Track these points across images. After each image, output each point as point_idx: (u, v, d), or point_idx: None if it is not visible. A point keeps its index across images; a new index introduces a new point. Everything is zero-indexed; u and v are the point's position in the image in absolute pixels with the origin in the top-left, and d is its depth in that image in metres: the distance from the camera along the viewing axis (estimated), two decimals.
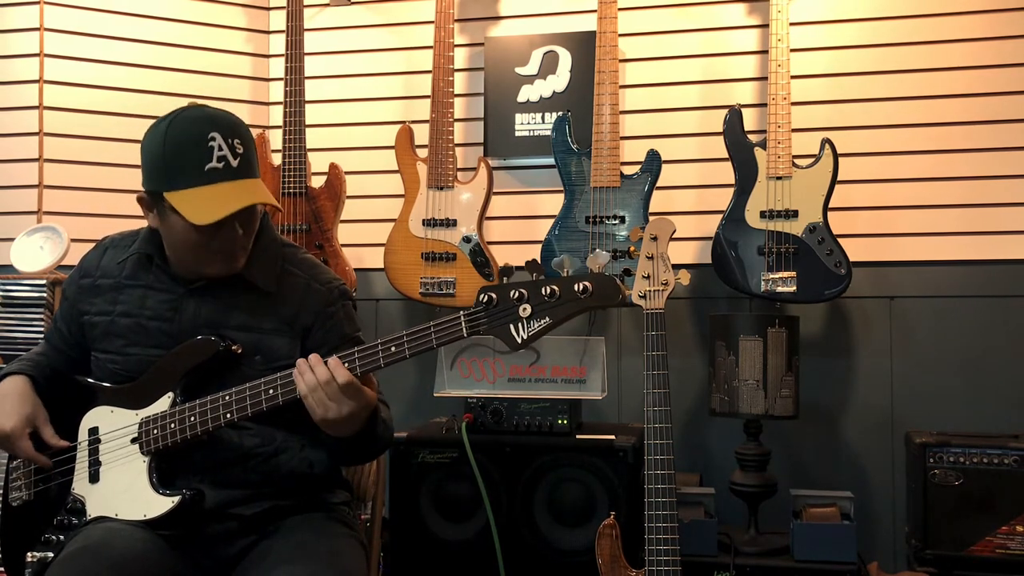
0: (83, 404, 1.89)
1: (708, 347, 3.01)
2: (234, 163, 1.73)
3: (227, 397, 1.74)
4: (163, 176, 1.74)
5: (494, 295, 1.62)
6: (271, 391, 1.72)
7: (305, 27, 3.33)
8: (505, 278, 1.67)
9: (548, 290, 1.60)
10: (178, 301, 1.86)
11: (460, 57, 3.49)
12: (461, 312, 1.63)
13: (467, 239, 3.19)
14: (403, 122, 3.31)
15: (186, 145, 1.72)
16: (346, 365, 1.67)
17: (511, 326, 1.61)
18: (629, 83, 3.41)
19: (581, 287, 1.59)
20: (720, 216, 3.05)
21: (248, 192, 1.75)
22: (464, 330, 1.64)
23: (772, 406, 2.82)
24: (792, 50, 3.05)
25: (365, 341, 1.91)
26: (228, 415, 1.73)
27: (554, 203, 3.23)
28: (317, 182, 3.29)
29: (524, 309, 1.60)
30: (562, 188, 3.16)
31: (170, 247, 1.84)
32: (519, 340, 1.61)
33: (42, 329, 2.99)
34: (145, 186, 1.79)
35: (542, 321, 1.61)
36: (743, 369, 2.83)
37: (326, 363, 1.67)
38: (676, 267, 2.39)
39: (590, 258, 1.69)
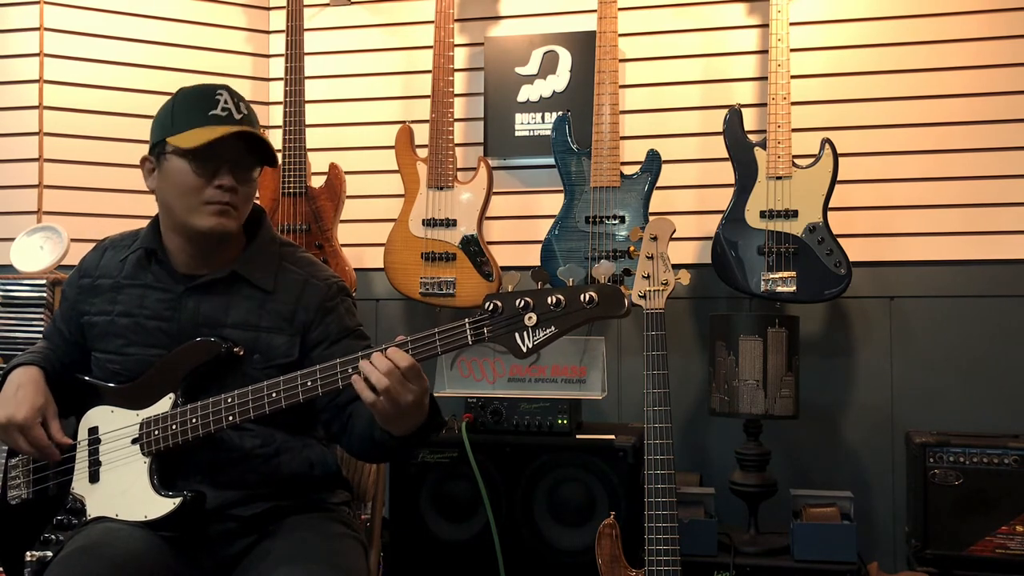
0: (83, 403, 1.89)
1: (708, 347, 3.01)
2: (237, 116, 1.82)
3: (229, 399, 1.73)
4: (169, 123, 1.82)
5: (499, 303, 1.61)
6: (274, 394, 1.71)
7: (305, 27, 3.33)
8: (510, 286, 1.66)
9: (554, 299, 1.59)
10: (176, 300, 1.86)
11: (460, 57, 3.49)
12: (466, 320, 1.63)
13: (467, 239, 3.19)
14: (403, 122, 3.31)
15: (195, 95, 1.83)
16: (350, 371, 1.66)
17: (516, 335, 1.61)
18: (629, 83, 3.41)
19: (587, 297, 1.59)
20: (720, 216, 3.05)
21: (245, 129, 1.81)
22: (469, 337, 1.63)
23: (772, 406, 2.82)
24: (792, 50, 3.05)
25: (367, 334, 1.92)
26: (230, 417, 1.73)
27: (554, 203, 3.23)
28: (317, 182, 3.29)
29: (530, 318, 1.60)
30: (562, 188, 3.16)
31: (166, 205, 1.86)
32: (524, 349, 1.61)
33: (42, 329, 2.99)
34: (151, 143, 1.86)
35: (547, 330, 1.60)
36: (743, 369, 2.83)
37: (384, 354, 1.61)
38: (676, 267, 2.40)
39: (595, 268, 1.69)
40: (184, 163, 1.79)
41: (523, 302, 1.60)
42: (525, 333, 1.61)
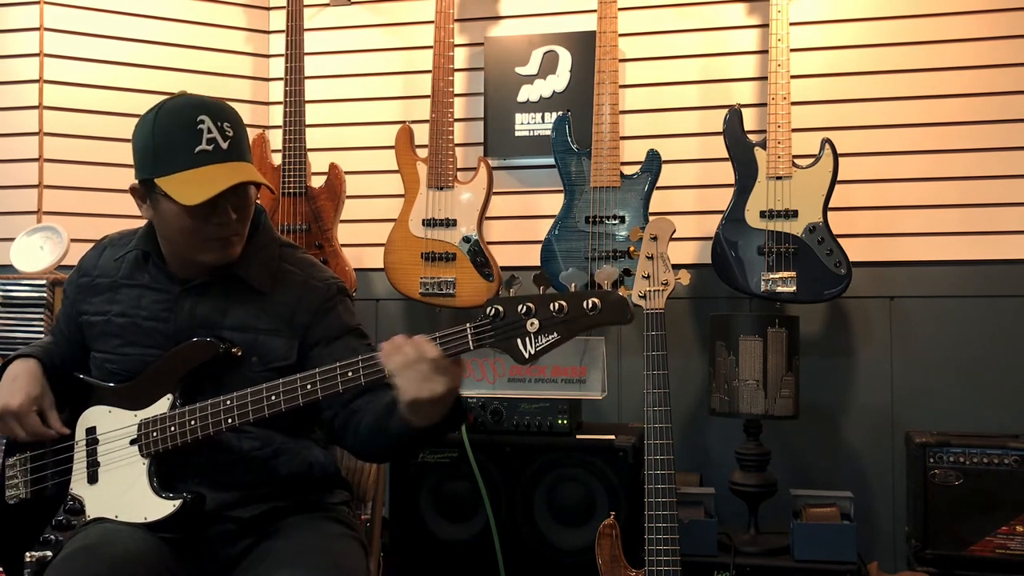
0: (81, 401, 1.89)
1: (708, 347, 3.01)
2: (224, 145, 1.73)
3: (228, 402, 1.73)
4: (153, 162, 1.75)
5: (501, 308, 1.60)
6: (273, 397, 1.70)
7: (305, 27, 3.33)
8: (511, 290, 1.65)
9: (556, 306, 1.57)
10: (174, 301, 1.85)
11: (460, 57, 3.49)
12: (468, 324, 1.62)
13: (467, 239, 3.18)
14: (403, 122, 3.31)
15: (175, 130, 1.73)
16: (350, 374, 1.66)
17: (518, 340, 1.59)
18: (629, 83, 3.41)
19: (590, 304, 1.57)
20: (720, 216, 3.05)
21: (238, 172, 1.74)
22: (471, 342, 1.61)
23: (772, 406, 2.82)
24: (792, 50, 3.04)
25: (366, 332, 1.92)
26: (229, 420, 1.72)
27: (554, 203, 3.23)
28: (317, 182, 3.29)
29: (532, 324, 1.58)
30: (562, 188, 3.16)
31: (164, 238, 1.84)
32: (526, 355, 1.59)
33: (42, 329, 3.00)
34: (137, 176, 1.80)
35: (550, 337, 1.58)
36: (743, 369, 2.83)
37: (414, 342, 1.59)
38: (676, 267, 2.40)
39: (598, 273, 1.68)
40: (178, 207, 1.73)
41: (525, 308, 1.58)
42: (527, 339, 1.59)
